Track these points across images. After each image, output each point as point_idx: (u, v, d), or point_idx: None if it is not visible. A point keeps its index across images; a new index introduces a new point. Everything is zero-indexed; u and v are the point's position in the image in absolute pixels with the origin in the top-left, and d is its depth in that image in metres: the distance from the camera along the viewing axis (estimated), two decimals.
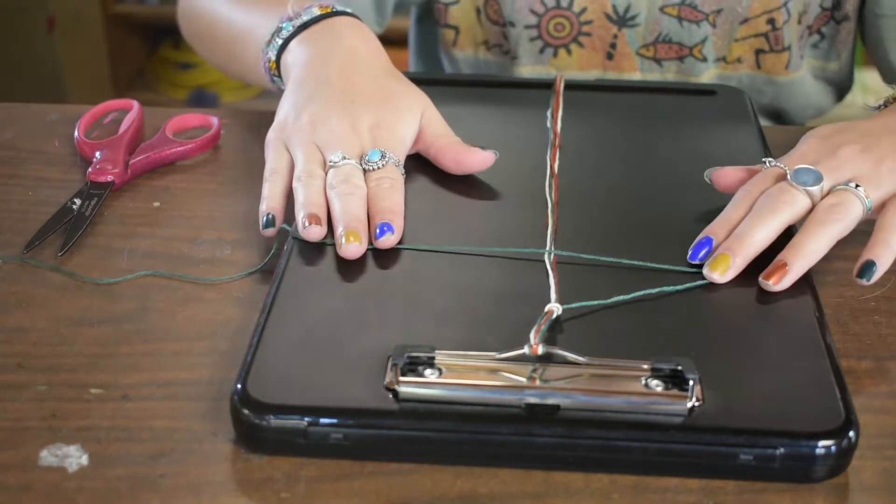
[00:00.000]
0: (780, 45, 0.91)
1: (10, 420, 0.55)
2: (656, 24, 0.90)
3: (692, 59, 0.92)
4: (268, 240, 0.67)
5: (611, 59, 0.93)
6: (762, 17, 0.89)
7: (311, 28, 0.74)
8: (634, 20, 0.91)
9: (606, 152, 0.76)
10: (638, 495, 0.51)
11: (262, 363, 0.54)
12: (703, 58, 0.92)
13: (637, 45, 0.92)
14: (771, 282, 0.60)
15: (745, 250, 0.61)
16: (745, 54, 0.92)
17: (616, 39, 0.91)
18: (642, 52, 0.92)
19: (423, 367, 0.54)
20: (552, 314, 0.57)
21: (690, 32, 0.90)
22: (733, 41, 0.91)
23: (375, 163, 0.67)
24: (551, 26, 0.92)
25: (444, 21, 0.96)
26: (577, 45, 0.92)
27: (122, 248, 0.68)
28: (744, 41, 0.91)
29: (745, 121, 0.79)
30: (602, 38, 0.92)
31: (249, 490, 0.51)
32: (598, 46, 0.92)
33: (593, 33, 0.92)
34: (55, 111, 0.84)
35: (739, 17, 0.90)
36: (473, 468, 0.52)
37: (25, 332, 0.61)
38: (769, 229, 0.62)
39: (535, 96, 0.81)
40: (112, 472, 0.52)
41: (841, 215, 0.62)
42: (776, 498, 0.51)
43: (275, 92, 0.78)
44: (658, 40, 0.91)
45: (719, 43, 0.91)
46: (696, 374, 0.53)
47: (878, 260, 0.61)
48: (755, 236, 0.61)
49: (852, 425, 0.51)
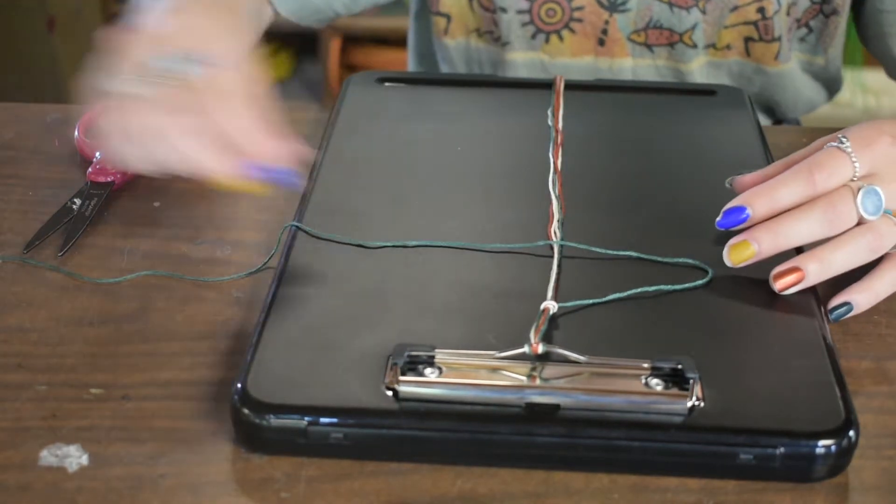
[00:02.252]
0: (769, 34, 0.91)
1: (10, 420, 0.55)
2: (647, 9, 0.90)
3: (682, 46, 0.92)
4: (268, 240, 0.67)
5: (602, 45, 0.93)
6: (752, 6, 0.89)
7: None
8: (625, 5, 0.91)
9: (606, 152, 0.76)
10: (638, 495, 0.51)
11: (262, 363, 0.54)
12: (693, 44, 0.92)
13: (628, 30, 0.92)
14: (778, 285, 0.59)
15: (775, 248, 0.59)
16: (735, 41, 0.92)
17: (607, 25, 0.91)
18: (633, 37, 0.92)
19: (423, 367, 0.54)
20: (549, 312, 0.57)
21: (680, 18, 0.90)
22: (722, 28, 0.91)
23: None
24: (543, 12, 0.92)
25: (435, 8, 0.95)
26: (568, 30, 0.92)
27: (122, 248, 0.68)
28: (733, 28, 0.91)
29: (745, 121, 0.79)
30: (593, 23, 0.92)
31: (249, 490, 0.51)
32: (589, 32, 0.92)
33: (585, 19, 0.92)
34: (55, 111, 0.84)
35: (729, 5, 0.90)
36: (473, 468, 0.52)
37: (25, 332, 0.61)
38: (809, 235, 0.59)
39: (534, 96, 0.81)
40: (112, 472, 0.52)
41: (880, 246, 0.60)
42: (776, 498, 0.51)
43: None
44: (649, 26, 0.91)
45: (709, 30, 0.91)
46: (696, 373, 0.53)
47: (857, 305, 0.60)
48: (792, 238, 0.59)
49: (852, 425, 0.51)
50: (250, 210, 0.72)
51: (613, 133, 0.78)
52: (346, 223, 0.65)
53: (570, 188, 0.69)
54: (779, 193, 0.60)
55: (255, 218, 0.71)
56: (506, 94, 0.83)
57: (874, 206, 0.59)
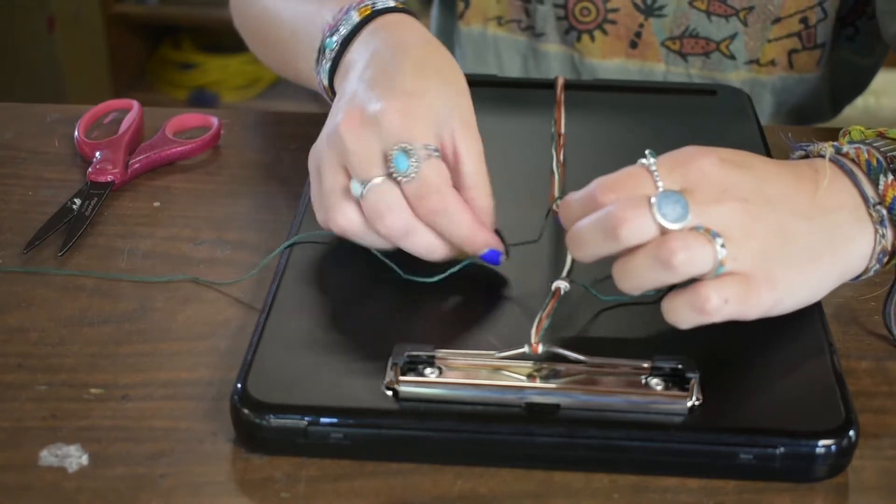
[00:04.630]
0: (812, 41, 0.89)
1: (10, 420, 0.55)
2: (685, 17, 0.89)
3: (719, 55, 0.90)
4: (268, 240, 0.67)
5: (634, 48, 0.91)
6: (795, 17, 0.87)
7: (354, 43, 0.66)
8: (662, 10, 0.89)
9: (606, 152, 0.76)
10: (638, 495, 0.51)
11: (262, 363, 0.54)
12: (730, 55, 0.90)
13: (663, 36, 0.90)
14: None
15: (576, 254, 0.55)
16: (779, 56, 0.90)
17: (641, 29, 0.90)
18: (668, 44, 0.91)
19: (423, 367, 0.54)
20: (560, 292, 0.56)
21: (718, 27, 0.89)
22: (766, 42, 0.89)
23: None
24: (577, 10, 0.90)
25: None
26: (600, 31, 0.90)
27: (122, 248, 0.68)
28: (777, 42, 0.89)
29: (746, 121, 0.79)
30: (627, 26, 0.90)
31: (249, 490, 0.51)
32: (622, 34, 0.91)
33: (619, 21, 0.90)
34: (55, 111, 0.84)
35: (771, 16, 0.88)
36: (473, 468, 0.52)
37: (25, 332, 0.61)
38: (598, 251, 0.53)
39: (534, 96, 0.81)
40: (112, 472, 0.52)
41: (682, 269, 0.51)
42: (776, 498, 0.51)
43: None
44: (685, 34, 0.90)
45: (751, 43, 0.89)
46: (696, 373, 0.53)
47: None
48: (582, 252, 0.54)
49: (852, 425, 0.51)
50: (250, 210, 0.72)
51: (613, 133, 0.78)
52: None
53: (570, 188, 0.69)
54: (578, 198, 0.56)
55: (255, 218, 0.71)
56: (506, 93, 0.83)
57: (673, 212, 0.52)
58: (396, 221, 0.58)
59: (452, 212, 0.58)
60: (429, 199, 0.57)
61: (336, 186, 0.59)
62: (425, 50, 0.64)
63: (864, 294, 0.64)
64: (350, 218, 0.59)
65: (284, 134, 0.81)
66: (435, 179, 0.57)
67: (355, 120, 0.58)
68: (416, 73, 0.60)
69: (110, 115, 0.82)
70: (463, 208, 0.58)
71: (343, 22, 0.67)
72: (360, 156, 0.58)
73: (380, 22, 0.66)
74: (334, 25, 0.67)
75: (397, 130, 0.57)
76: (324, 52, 0.67)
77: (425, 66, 0.62)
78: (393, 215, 0.58)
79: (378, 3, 0.67)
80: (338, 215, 0.59)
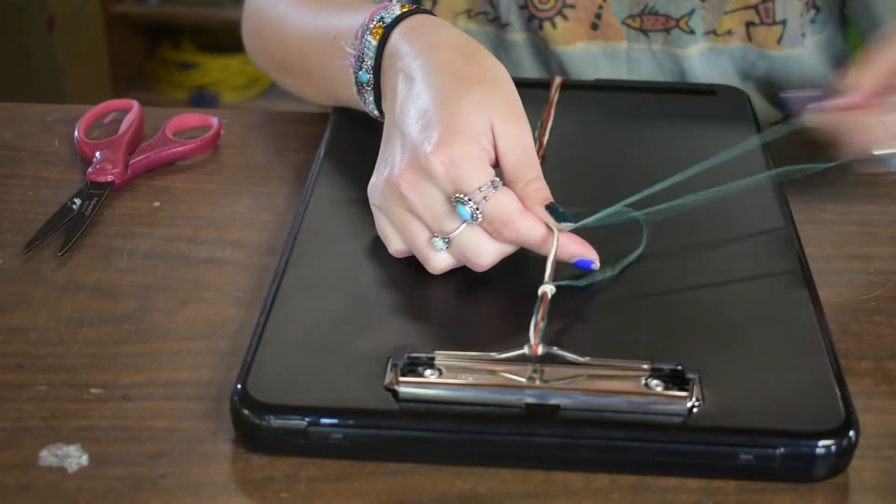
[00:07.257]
0: (770, 17, 0.90)
1: (10, 420, 0.55)
2: None
3: (679, 31, 0.91)
4: (268, 240, 0.67)
5: (595, 30, 0.92)
6: None
7: (382, 70, 0.67)
8: None
9: (606, 152, 0.76)
10: (638, 495, 0.51)
11: (262, 363, 0.54)
12: (689, 30, 0.91)
13: (623, 14, 0.91)
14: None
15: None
16: (736, 26, 0.92)
17: (601, 10, 0.91)
18: (629, 21, 0.92)
19: (423, 368, 0.54)
20: (548, 296, 0.57)
21: (677, 4, 0.90)
22: (723, 14, 0.90)
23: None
24: None
25: None
26: (561, 17, 0.91)
27: (122, 248, 0.68)
28: (734, 13, 0.91)
29: (745, 121, 0.79)
30: (587, 8, 0.91)
31: (249, 490, 0.51)
32: (582, 17, 0.92)
33: (578, 5, 0.91)
34: (55, 111, 0.84)
35: None
36: (473, 468, 0.52)
37: (25, 332, 0.61)
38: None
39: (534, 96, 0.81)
40: (112, 472, 0.52)
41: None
42: (776, 498, 0.51)
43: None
44: (644, 12, 0.91)
45: (709, 17, 0.91)
46: (696, 373, 0.53)
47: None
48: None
49: (852, 425, 0.51)
50: (250, 210, 0.72)
51: (613, 133, 0.78)
52: (346, 222, 0.65)
53: (570, 187, 0.69)
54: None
55: (255, 218, 0.71)
56: None
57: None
58: (486, 257, 0.60)
59: (525, 233, 0.59)
60: (501, 233, 0.59)
61: (419, 240, 0.61)
62: (448, 59, 0.64)
63: (864, 294, 0.64)
64: (447, 262, 0.61)
65: (284, 134, 0.81)
66: (499, 215, 0.59)
67: (412, 177, 0.60)
68: (446, 98, 0.61)
69: (110, 115, 0.82)
70: (534, 230, 0.59)
71: (365, 52, 0.68)
72: (430, 212, 0.60)
73: (396, 39, 0.67)
74: (358, 56, 0.68)
75: (451, 180, 0.58)
76: (362, 86, 0.69)
77: (453, 81, 0.62)
78: (482, 256, 0.60)
79: (385, 16, 0.68)
80: (434, 265, 0.61)
